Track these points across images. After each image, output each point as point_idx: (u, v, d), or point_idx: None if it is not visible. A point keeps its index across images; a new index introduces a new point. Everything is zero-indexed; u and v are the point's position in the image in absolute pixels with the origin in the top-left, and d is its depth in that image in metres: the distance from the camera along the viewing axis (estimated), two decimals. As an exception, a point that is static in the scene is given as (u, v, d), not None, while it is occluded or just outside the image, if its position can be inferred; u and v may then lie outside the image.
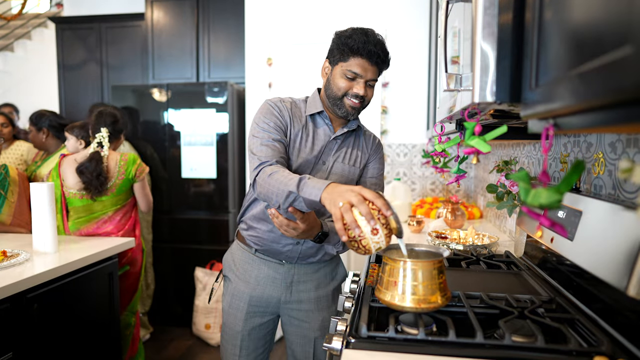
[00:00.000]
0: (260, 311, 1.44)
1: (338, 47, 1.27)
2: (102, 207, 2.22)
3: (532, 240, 1.37)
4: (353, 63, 1.24)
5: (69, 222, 2.21)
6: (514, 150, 1.96)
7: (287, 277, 1.41)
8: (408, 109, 3.06)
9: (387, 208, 0.94)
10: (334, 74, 1.29)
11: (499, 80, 0.71)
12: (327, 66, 1.33)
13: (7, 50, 4.80)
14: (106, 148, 2.21)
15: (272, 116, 1.30)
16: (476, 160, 0.93)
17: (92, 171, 2.11)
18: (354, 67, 1.24)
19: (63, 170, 2.20)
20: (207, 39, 3.66)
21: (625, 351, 0.79)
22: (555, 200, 0.58)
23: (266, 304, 1.43)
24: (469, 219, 2.46)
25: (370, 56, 1.23)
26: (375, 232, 0.92)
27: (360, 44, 1.22)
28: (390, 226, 0.95)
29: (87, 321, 1.79)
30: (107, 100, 3.92)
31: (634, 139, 0.94)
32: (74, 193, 2.18)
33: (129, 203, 2.33)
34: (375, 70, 1.26)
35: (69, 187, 2.19)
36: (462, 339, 0.83)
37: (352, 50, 1.23)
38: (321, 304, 1.45)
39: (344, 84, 1.27)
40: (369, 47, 1.22)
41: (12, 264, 1.52)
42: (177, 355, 2.83)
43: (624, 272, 0.78)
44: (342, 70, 1.26)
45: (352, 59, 1.24)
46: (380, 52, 1.24)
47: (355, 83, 1.26)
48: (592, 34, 0.47)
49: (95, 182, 2.12)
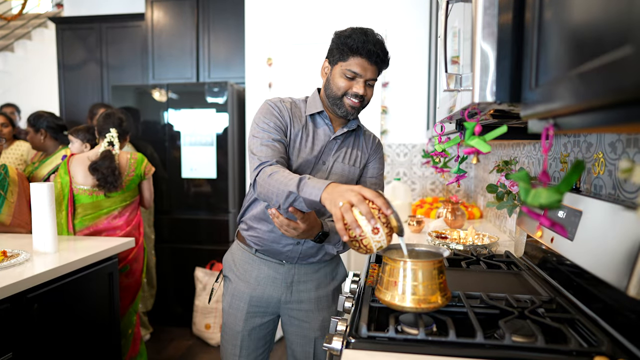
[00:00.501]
0: (260, 311, 1.44)
1: (337, 46, 1.27)
2: (110, 204, 2.30)
3: (532, 240, 1.37)
4: (352, 62, 1.25)
5: (76, 220, 2.26)
6: (514, 150, 1.96)
7: (287, 277, 1.41)
8: (408, 109, 3.06)
9: (388, 207, 0.94)
10: (334, 74, 1.29)
11: (499, 80, 0.71)
12: (326, 66, 1.33)
13: (7, 50, 4.81)
14: (117, 147, 2.30)
15: (272, 116, 1.30)
16: (476, 160, 0.93)
17: (107, 167, 2.20)
18: (353, 67, 1.25)
19: (73, 168, 2.26)
20: (207, 39, 3.66)
21: (625, 351, 0.79)
22: (555, 200, 0.58)
23: (266, 304, 1.43)
24: (469, 219, 2.46)
25: (369, 55, 1.23)
26: (376, 232, 0.92)
27: (360, 43, 1.22)
28: (391, 225, 0.95)
29: (87, 321, 1.79)
30: (107, 101, 3.92)
31: (634, 139, 0.94)
32: (83, 190, 2.25)
33: (135, 200, 2.43)
34: (374, 69, 1.26)
35: (78, 184, 2.25)
36: (462, 339, 0.83)
37: (352, 49, 1.23)
38: (321, 304, 1.45)
39: (343, 83, 1.27)
40: (369, 47, 1.22)
41: (12, 264, 1.52)
42: (177, 355, 2.83)
43: (624, 272, 0.78)
44: (341, 69, 1.27)
45: (352, 59, 1.25)
46: (380, 51, 1.24)
47: (355, 82, 1.27)
48: (592, 34, 0.47)
49: (111, 178, 2.20)
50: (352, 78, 1.26)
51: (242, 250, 1.45)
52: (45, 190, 1.69)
